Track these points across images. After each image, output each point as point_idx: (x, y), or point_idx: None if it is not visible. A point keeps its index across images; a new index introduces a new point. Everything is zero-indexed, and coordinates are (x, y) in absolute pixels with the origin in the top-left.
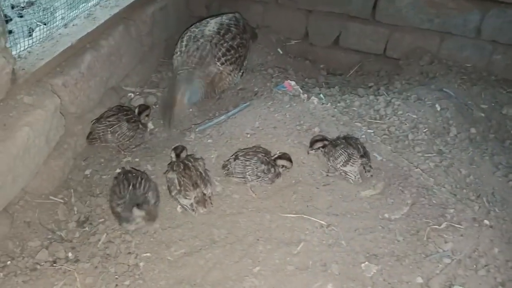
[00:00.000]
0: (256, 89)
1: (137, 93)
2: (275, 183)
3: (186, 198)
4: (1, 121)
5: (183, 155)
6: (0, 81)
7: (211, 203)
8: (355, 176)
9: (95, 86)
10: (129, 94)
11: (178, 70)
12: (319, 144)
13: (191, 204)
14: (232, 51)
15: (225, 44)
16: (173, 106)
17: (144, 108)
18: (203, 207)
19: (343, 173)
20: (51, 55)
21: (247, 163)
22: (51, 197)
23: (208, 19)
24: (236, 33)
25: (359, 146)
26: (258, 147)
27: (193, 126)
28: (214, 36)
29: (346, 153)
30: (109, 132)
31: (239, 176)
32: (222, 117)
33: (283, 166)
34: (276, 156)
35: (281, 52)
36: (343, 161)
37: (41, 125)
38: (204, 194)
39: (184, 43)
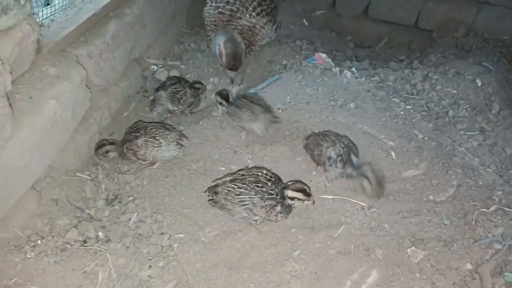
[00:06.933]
0: (285, 62)
1: (160, 66)
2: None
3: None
4: (26, 94)
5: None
6: (25, 51)
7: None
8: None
9: (119, 57)
10: (152, 66)
11: (210, 25)
12: None
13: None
14: (268, 1)
15: None
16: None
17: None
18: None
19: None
20: (74, 23)
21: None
22: (78, 173)
23: None
24: None
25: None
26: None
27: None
28: None
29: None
30: (176, 98)
31: None
32: (251, 91)
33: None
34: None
35: (306, 23)
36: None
37: (67, 97)
38: None
39: None
